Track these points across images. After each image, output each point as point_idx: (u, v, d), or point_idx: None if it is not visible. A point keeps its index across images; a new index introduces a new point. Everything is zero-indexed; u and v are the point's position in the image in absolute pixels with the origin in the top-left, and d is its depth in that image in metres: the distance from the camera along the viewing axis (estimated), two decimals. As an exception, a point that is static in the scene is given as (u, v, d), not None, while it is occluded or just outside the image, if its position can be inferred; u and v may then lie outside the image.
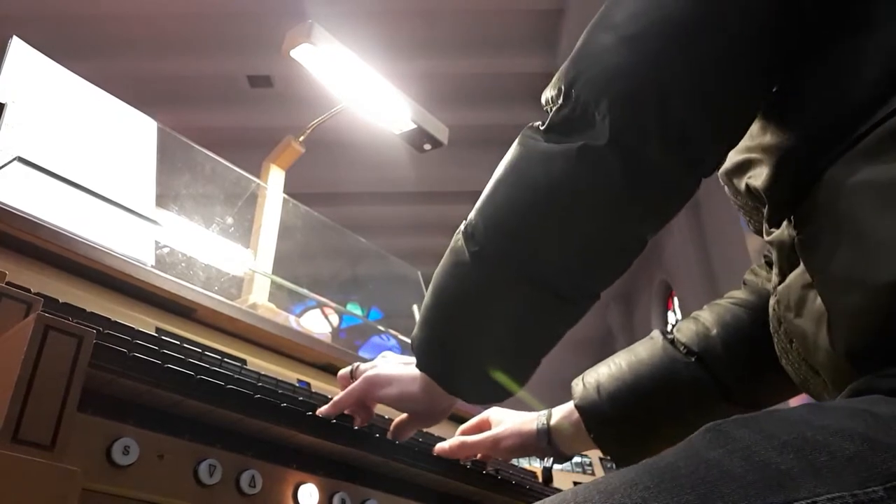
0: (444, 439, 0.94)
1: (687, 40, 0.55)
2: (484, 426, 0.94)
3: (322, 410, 0.75)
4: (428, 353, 0.68)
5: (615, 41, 0.57)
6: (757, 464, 0.37)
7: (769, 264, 0.87)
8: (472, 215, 0.64)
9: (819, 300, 0.52)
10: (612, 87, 0.56)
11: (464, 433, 0.93)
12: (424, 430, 0.91)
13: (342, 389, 0.81)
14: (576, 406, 0.88)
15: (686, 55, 0.55)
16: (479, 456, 0.92)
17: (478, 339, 0.65)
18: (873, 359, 0.46)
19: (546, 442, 0.90)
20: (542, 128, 0.60)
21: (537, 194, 0.59)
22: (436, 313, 0.66)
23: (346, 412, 0.77)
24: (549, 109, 0.60)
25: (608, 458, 0.89)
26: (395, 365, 0.76)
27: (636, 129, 0.55)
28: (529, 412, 0.94)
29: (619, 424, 0.85)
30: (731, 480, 0.37)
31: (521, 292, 0.60)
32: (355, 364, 0.82)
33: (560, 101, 0.58)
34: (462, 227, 0.64)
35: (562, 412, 0.91)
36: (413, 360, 0.71)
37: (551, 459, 0.92)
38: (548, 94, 0.60)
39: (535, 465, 1.49)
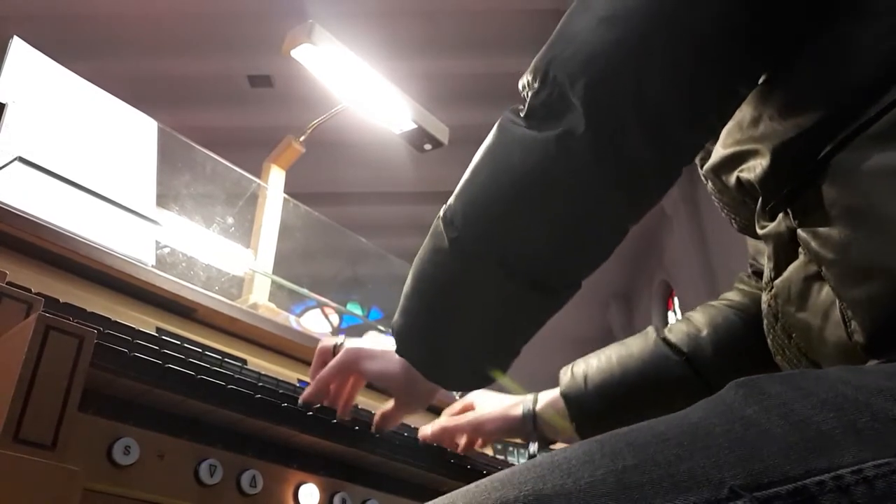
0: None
1: (666, 21, 0.53)
2: (468, 410, 0.93)
3: (305, 395, 0.74)
4: (407, 339, 0.67)
5: (592, 22, 0.55)
6: (796, 423, 0.35)
7: (756, 273, 0.86)
8: (451, 199, 0.62)
9: (825, 292, 0.50)
10: (589, 68, 0.54)
11: (449, 417, 0.92)
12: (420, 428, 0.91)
13: (320, 364, 0.80)
14: (561, 394, 0.88)
15: (664, 36, 0.53)
16: (463, 441, 0.90)
17: (457, 328, 0.63)
18: None
19: (531, 426, 0.89)
20: (521, 113, 0.58)
21: (515, 183, 0.57)
22: (415, 300, 0.65)
23: (328, 399, 0.76)
24: (526, 94, 0.58)
25: None
26: (379, 342, 0.76)
27: (613, 116, 0.53)
28: (514, 395, 0.93)
29: (602, 416, 0.85)
30: (770, 441, 0.35)
31: (499, 280, 0.59)
32: (339, 339, 0.81)
33: (537, 85, 0.56)
34: (442, 211, 0.62)
35: (547, 398, 0.90)
36: None
37: (535, 445, 0.91)
38: (525, 78, 0.58)
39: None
